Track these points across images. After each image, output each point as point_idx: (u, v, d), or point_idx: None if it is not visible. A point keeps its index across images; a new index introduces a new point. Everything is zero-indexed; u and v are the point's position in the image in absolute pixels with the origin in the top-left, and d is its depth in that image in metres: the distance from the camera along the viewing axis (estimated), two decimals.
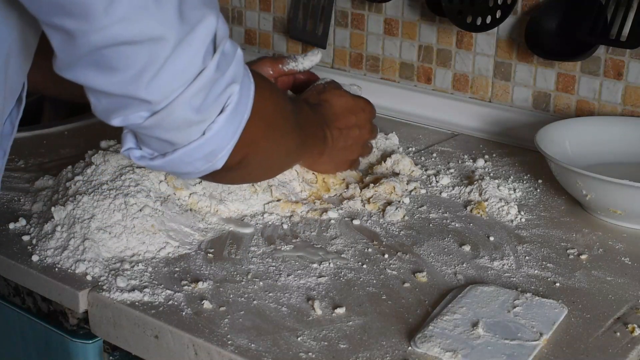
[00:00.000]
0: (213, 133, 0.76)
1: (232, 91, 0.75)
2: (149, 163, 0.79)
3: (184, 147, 0.76)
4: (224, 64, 0.74)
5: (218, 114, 0.75)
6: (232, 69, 0.75)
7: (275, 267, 0.94)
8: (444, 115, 1.41)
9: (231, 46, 0.75)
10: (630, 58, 1.23)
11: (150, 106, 0.71)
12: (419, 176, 1.18)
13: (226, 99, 0.75)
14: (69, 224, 0.96)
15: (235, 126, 0.77)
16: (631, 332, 0.83)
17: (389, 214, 1.06)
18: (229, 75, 0.75)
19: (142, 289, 0.89)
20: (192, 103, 0.72)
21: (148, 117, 0.72)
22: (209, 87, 0.73)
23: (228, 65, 0.74)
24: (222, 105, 0.75)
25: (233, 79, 0.75)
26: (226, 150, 0.78)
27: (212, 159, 0.78)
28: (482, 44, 1.36)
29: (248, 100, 0.78)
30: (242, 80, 0.77)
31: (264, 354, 0.78)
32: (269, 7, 1.61)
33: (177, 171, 0.80)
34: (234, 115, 0.76)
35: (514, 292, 0.87)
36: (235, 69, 0.75)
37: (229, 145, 0.78)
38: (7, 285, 0.99)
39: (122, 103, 0.72)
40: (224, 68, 0.74)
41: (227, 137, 0.77)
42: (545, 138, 1.12)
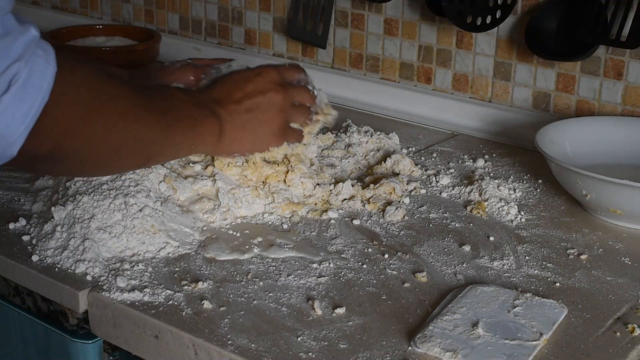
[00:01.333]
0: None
1: (16, 70, 0.71)
2: None
3: None
4: (4, 40, 0.70)
5: (1, 93, 0.70)
6: (18, 47, 0.71)
7: (275, 267, 0.94)
8: (444, 115, 1.41)
9: (19, 24, 0.72)
10: (630, 58, 1.23)
11: None
12: (419, 176, 1.18)
13: (10, 77, 0.70)
14: (69, 224, 0.96)
15: (27, 108, 0.72)
16: (631, 332, 0.83)
17: (389, 214, 1.06)
18: (14, 53, 0.71)
19: (142, 289, 0.89)
20: None
21: None
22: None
23: (11, 42, 0.70)
24: (6, 84, 0.70)
25: (18, 57, 0.71)
26: (19, 135, 0.72)
27: (2, 144, 0.73)
28: (482, 44, 1.36)
29: (43, 82, 0.73)
30: (32, 60, 0.72)
31: (264, 354, 0.78)
32: (269, 7, 1.61)
33: None
34: (22, 95, 0.71)
35: (514, 292, 0.87)
36: (22, 48, 0.71)
37: (20, 129, 0.72)
38: (7, 285, 0.99)
39: None
40: (4, 44, 0.70)
41: (17, 119, 0.72)
42: (545, 138, 1.12)
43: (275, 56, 1.62)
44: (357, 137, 1.26)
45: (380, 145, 1.25)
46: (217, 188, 1.05)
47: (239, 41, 1.67)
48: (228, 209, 1.04)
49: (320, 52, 1.56)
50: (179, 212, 1.02)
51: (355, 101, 1.50)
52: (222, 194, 1.05)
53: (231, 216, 1.04)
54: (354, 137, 1.26)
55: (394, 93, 1.47)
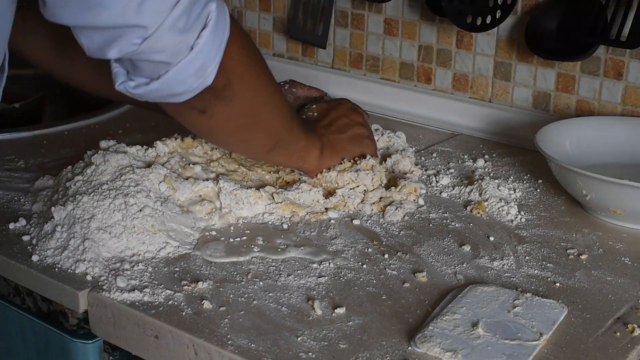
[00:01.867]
0: (200, 48, 0.82)
1: (210, 9, 0.82)
2: (145, 89, 0.85)
3: (176, 65, 0.82)
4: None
5: (201, 29, 0.82)
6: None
7: (275, 267, 0.94)
8: (444, 115, 1.41)
9: None
10: (630, 58, 1.23)
11: (141, 31, 0.78)
12: (419, 176, 1.18)
13: (206, 16, 0.82)
14: (69, 224, 0.96)
15: (219, 41, 0.84)
16: (631, 332, 0.83)
17: (389, 214, 1.06)
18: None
19: (142, 289, 0.89)
20: (178, 24, 0.79)
21: (141, 43, 0.79)
22: (190, 7, 0.80)
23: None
24: (204, 22, 0.82)
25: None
26: (214, 65, 0.85)
27: (202, 74, 0.85)
28: (482, 44, 1.36)
29: (226, 19, 0.85)
30: (217, 1, 0.84)
31: (264, 354, 0.78)
32: (269, 7, 1.61)
33: (173, 92, 0.86)
34: (215, 31, 0.83)
35: (514, 292, 0.87)
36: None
37: (215, 60, 0.85)
38: (7, 285, 0.99)
39: (115, 34, 0.78)
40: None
41: (212, 50, 0.84)
42: (545, 138, 1.12)
43: (275, 56, 1.62)
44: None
45: (389, 144, 1.26)
46: (219, 188, 1.05)
47: None
48: (230, 210, 1.04)
49: (320, 52, 1.56)
50: (179, 212, 1.02)
51: (355, 101, 1.50)
52: (224, 195, 1.05)
53: (232, 217, 1.04)
54: None
55: (394, 93, 1.47)
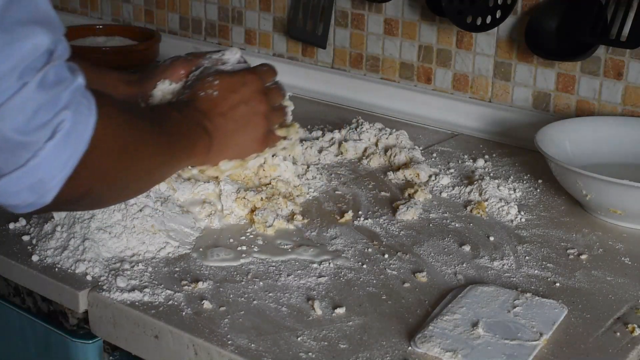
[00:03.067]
0: (39, 161, 0.71)
1: (63, 117, 0.71)
2: None
3: (7, 174, 0.71)
4: (56, 88, 0.71)
5: (47, 140, 0.71)
6: (67, 96, 0.72)
7: (275, 267, 0.94)
8: (444, 115, 1.41)
9: (70, 73, 0.73)
10: (630, 58, 1.23)
11: None
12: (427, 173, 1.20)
13: (56, 125, 0.71)
14: (69, 224, 0.96)
15: (67, 156, 0.73)
16: (631, 332, 0.83)
17: (400, 212, 1.06)
18: (62, 101, 0.71)
19: (142, 289, 0.89)
20: (13, 122, 0.69)
21: None
22: (33, 108, 0.69)
23: (62, 90, 0.71)
24: (51, 131, 0.71)
25: (66, 105, 0.72)
26: (56, 182, 0.73)
27: (39, 191, 0.73)
28: (482, 44, 1.36)
29: (84, 131, 0.73)
30: (78, 109, 0.73)
31: (264, 354, 0.78)
32: (269, 7, 1.61)
33: (3, 203, 0.74)
34: (64, 144, 0.72)
35: (514, 292, 0.87)
36: (70, 97, 0.72)
37: (59, 175, 0.73)
38: (7, 285, 0.99)
39: None
40: (55, 92, 0.71)
41: (56, 167, 0.72)
42: (545, 138, 1.12)
43: (275, 56, 1.62)
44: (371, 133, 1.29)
45: (397, 142, 1.26)
46: (220, 190, 1.05)
47: (239, 41, 1.67)
48: (232, 212, 1.04)
49: (320, 52, 1.56)
50: (179, 212, 1.02)
51: (355, 101, 1.50)
52: (225, 196, 1.04)
53: (234, 218, 1.04)
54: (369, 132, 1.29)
55: (394, 93, 1.47)
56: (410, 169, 1.18)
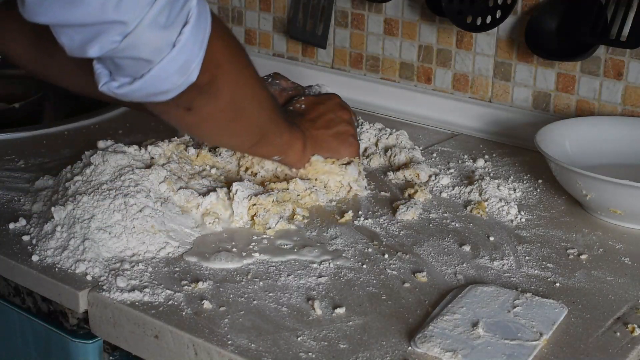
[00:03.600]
0: (182, 44, 0.81)
1: (191, 5, 0.81)
2: (129, 88, 0.83)
3: (158, 62, 0.81)
4: None
5: (183, 25, 0.81)
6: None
7: (275, 267, 0.94)
8: (444, 115, 1.41)
9: None
10: (630, 58, 1.23)
11: (122, 27, 0.77)
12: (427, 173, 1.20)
13: (188, 12, 0.81)
14: (69, 224, 0.96)
15: (201, 37, 0.83)
16: (631, 332, 0.83)
17: (400, 212, 1.06)
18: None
19: (142, 289, 0.89)
20: (159, 20, 0.78)
21: (121, 40, 0.78)
22: (171, 2, 0.79)
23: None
24: (185, 18, 0.81)
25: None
26: (197, 62, 0.84)
27: (185, 71, 0.83)
28: (482, 44, 1.36)
29: (207, 15, 0.84)
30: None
31: (264, 354, 0.78)
32: (269, 7, 1.61)
33: (156, 90, 0.84)
34: (197, 26, 0.82)
35: (514, 292, 0.87)
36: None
37: (198, 56, 0.84)
38: (7, 285, 0.99)
39: (96, 31, 0.77)
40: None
41: (195, 47, 0.83)
42: (545, 138, 1.12)
43: (275, 56, 1.62)
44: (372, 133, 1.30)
45: (397, 142, 1.26)
46: (232, 195, 1.04)
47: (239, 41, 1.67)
48: (241, 217, 1.03)
49: (320, 52, 1.56)
50: (179, 212, 1.02)
51: (355, 101, 1.50)
52: (237, 202, 1.04)
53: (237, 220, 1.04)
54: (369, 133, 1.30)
55: (394, 93, 1.47)
56: (410, 169, 1.18)
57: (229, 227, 1.03)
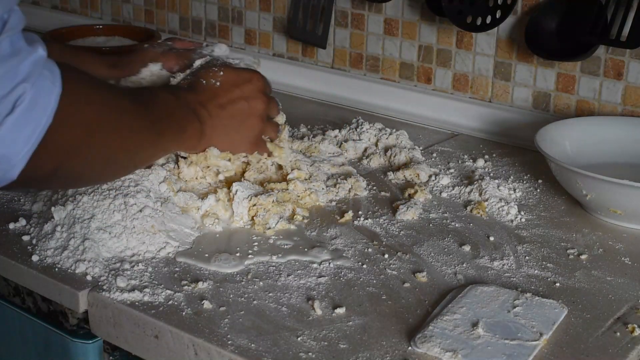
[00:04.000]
0: (0, 135, 0.70)
1: (22, 90, 0.70)
2: None
3: None
4: (12, 60, 0.69)
5: (6, 114, 0.69)
6: (25, 67, 0.70)
7: (275, 267, 0.94)
8: (444, 115, 1.41)
9: (27, 44, 0.71)
10: (630, 58, 1.23)
11: None
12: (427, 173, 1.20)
13: (15, 99, 0.70)
14: (69, 224, 0.96)
15: (30, 131, 0.71)
16: (631, 332, 0.83)
17: (400, 212, 1.06)
18: (21, 74, 0.70)
19: (142, 289, 0.89)
20: None
21: None
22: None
23: (19, 62, 0.70)
24: (10, 105, 0.69)
25: (25, 77, 0.70)
26: (20, 158, 0.72)
27: (4, 166, 0.72)
28: (482, 44, 1.36)
29: (48, 104, 0.72)
30: (38, 82, 0.71)
31: (264, 354, 0.78)
32: (269, 7, 1.61)
33: None
34: (26, 118, 0.70)
35: (514, 292, 0.87)
36: (29, 68, 0.70)
37: (22, 152, 0.72)
38: (7, 285, 0.99)
39: None
40: (11, 64, 0.69)
41: (19, 142, 0.71)
42: (545, 138, 1.12)
43: (275, 56, 1.62)
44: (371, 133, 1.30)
45: (397, 142, 1.27)
46: (232, 196, 1.04)
47: (239, 41, 1.67)
48: (241, 218, 1.04)
49: (320, 52, 1.56)
50: (179, 212, 1.02)
51: (355, 101, 1.50)
52: (237, 203, 1.04)
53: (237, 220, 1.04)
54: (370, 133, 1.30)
55: (394, 93, 1.47)
56: (410, 169, 1.18)
57: (229, 227, 1.03)
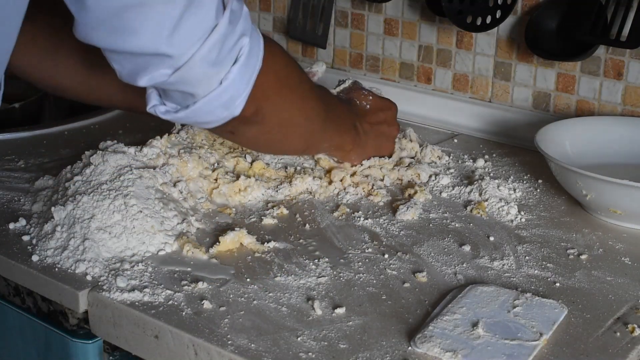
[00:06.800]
0: (229, 82, 0.83)
1: (243, 43, 0.83)
2: (174, 116, 0.86)
3: (204, 97, 0.83)
4: (234, 19, 0.81)
5: (232, 64, 0.83)
6: (241, 24, 0.82)
7: (275, 267, 0.94)
8: (444, 115, 1.41)
9: (238, 3, 0.82)
10: (630, 58, 1.23)
11: (172, 61, 0.78)
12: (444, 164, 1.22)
13: (238, 51, 0.83)
14: (69, 224, 0.96)
15: (249, 75, 0.85)
16: (631, 332, 0.83)
17: (400, 212, 1.06)
18: (239, 29, 0.82)
19: (142, 289, 0.89)
20: (209, 57, 0.80)
21: (171, 73, 0.79)
22: (223, 40, 0.80)
23: (237, 20, 0.81)
24: (235, 56, 0.82)
25: (242, 32, 0.82)
26: (242, 98, 0.85)
27: (230, 106, 0.85)
28: (482, 44, 1.36)
29: (259, 52, 0.85)
30: (252, 34, 0.84)
31: (264, 354, 0.78)
32: (269, 7, 1.61)
33: (200, 120, 0.87)
34: (246, 65, 0.84)
35: (514, 292, 0.87)
36: (244, 24, 0.83)
37: (244, 93, 0.85)
38: (7, 285, 0.99)
39: (146, 62, 0.78)
40: (234, 23, 0.81)
41: (242, 84, 0.84)
42: (545, 138, 1.12)
43: None
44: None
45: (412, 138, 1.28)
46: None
47: None
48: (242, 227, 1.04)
49: (320, 52, 1.56)
50: (179, 212, 1.01)
51: None
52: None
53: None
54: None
55: (394, 93, 1.46)
56: (410, 169, 1.18)
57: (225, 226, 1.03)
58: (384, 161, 1.17)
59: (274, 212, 1.06)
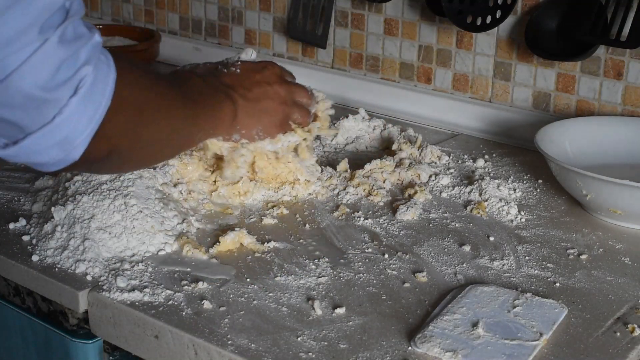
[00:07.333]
0: (64, 117, 0.71)
1: (85, 73, 0.72)
2: (3, 153, 0.74)
3: (34, 132, 0.71)
4: (75, 43, 0.71)
5: (70, 96, 0.71)
6: (86, 51, 0.72)
7: (275, 267, 0.94)
8: (444, 115, 1.41)
9: (87, 30, 0.74)
10: (630, 58, 1.23)
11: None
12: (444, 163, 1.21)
13: (78, 81, 0.72)
14: (69, 224, 0.96)
15: (92, 113, 0.73)
16: (631, 332, 0.83)
17: (400, 212, 1.06)
18: (82, 57, 0.72)
19: (142, 289, 0.89)
20: (36, 78, 0.69)
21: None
22: (55, 64, 0.70)
23: (81, 46, 0.72)
24: (74, 87, 0.72)
25: (86, 61, 0.72)
26: (82, 139, 0.74)
27: (66, 148, 0.74)
28: (482, 44, 1.36)
29: (106, 87, 0.74)
30: (97, 65, 0.74)
31: (264, 354, 0.78)
32: (269, 7, 1.61)
33: (32, 161, 0.75)
34: (88, 99, 0.73)
35: (514, 292, 0.87)
36: (89, 52, 0.73)
37: (85, 132, 0.74)
38: (7, 285, 0.99)
39: None
40: (75, 48, 0.71)
41: (81, 123, 0.73)
42: (545, 138, 1.12)
43: (275, 56, 1.62)
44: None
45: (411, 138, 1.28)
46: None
47: (239, 41, 1.67)
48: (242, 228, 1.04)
49: (320, 52, 1.56)
50: (179, 212, 1.01)
51: (355, 101, 1.50)
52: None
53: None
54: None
55: (394, 93, 1.47)
56: (411, 169, 1.18)
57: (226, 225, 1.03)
58: (384, 163, 1.17)
59: (274, 212, 1.06)
